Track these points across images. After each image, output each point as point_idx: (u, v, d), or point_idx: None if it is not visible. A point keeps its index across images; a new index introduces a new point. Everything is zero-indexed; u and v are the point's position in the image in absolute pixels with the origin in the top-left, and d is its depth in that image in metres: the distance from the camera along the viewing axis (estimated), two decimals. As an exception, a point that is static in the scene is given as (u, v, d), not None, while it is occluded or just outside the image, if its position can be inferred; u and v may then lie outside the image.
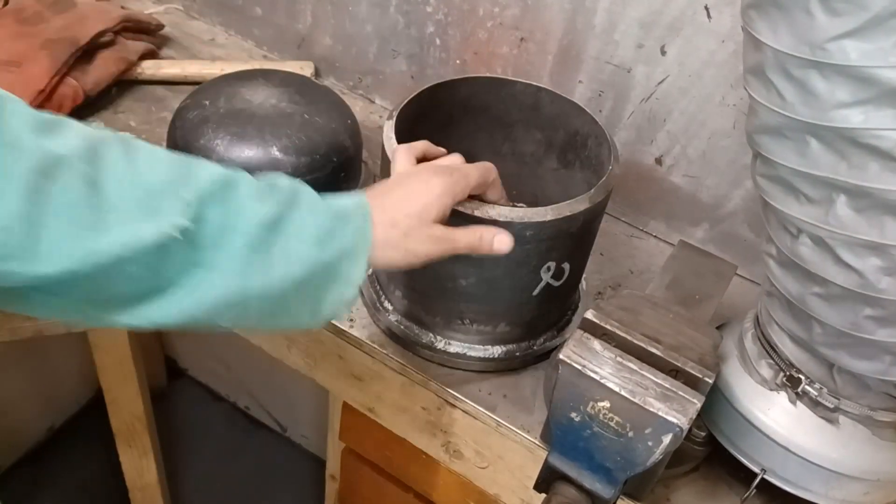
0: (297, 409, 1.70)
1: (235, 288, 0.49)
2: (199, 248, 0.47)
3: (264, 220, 0.49)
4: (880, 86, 0.43)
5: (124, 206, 0.45)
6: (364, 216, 0.54)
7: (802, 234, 0.53)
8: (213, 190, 0.48)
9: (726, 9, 0.76)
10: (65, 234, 0.43)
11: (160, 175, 0.47)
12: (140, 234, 0.45)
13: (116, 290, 0.47)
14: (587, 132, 0.76)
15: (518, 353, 0.75)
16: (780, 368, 0.63)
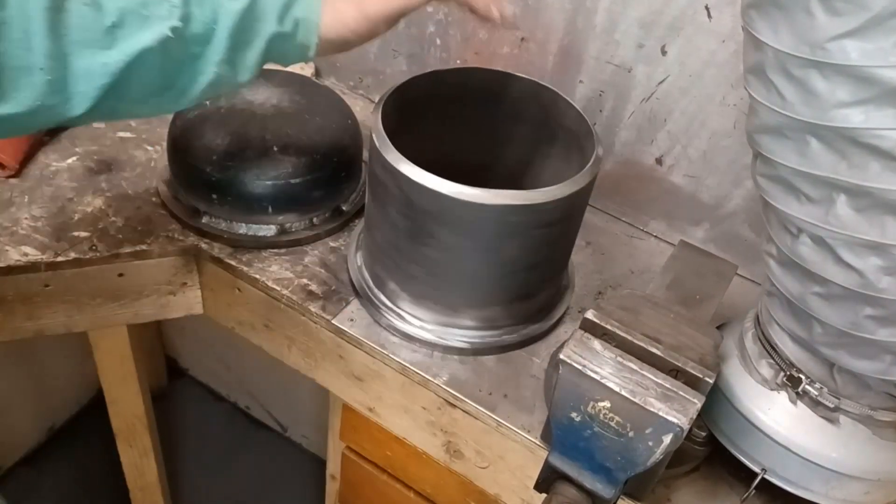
0: (298, 409, 1.70)
1: (226, 71, 0.59)
2: (191, 43, 0.57)
3: (239, 9, 0.58)
4: (881, 85, 0.43)
5: (126, 19, 0.53)
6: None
7: (803, 233, 0.53)
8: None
9: (727, 8, 0.76)
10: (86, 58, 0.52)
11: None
12: (142, 40, 0.53)
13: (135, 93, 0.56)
14: (569, 118, 0.77)
15: (506, 338, 0.76)
16: (781, 368, 0.63)
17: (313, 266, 0.82)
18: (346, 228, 0.88)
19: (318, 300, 0.78)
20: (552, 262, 0.75)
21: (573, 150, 0.77)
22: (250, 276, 0.80)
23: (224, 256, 0.81)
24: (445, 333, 0.75)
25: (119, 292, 0.83)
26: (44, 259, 0.77)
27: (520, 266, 0.70)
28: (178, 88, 0.59)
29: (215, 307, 0.89)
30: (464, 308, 0.74)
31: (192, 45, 0.57)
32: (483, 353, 0.76)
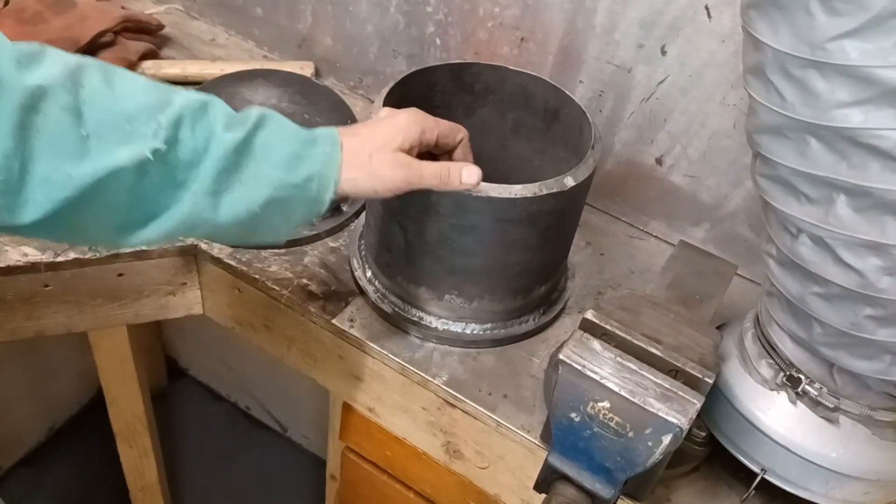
0: (298, 409, 1.70)
1: (207, 206, 0.52)
2: (174, 169, 0.51)
3: (233, 144, 0.52)
4: (880, 85, 0.43)
5: (104, 131, 0.48)
6: (332, 142, 0.57)
7: (802, 233, 0.53)
8: (186, 114, 0.51)
9: (727, 9, 0.76)
10: (53, 166, 0.47)
11: (137, 100, 0.50)
12: (119, 157, 0.48)
13: (99, 213, 0.50)
14: (569, 112, 0.78)
15: (502, 331, 0.77)
16: (781, 368, 0.63)
17: (313, 266, 0.82)
18: (345, 228, 0.88)
19: (318, 300, 0.78)
20: (551, 256, 0.75)
21: (573, 144, 0.77)
22: (250, 277, 0.80)
23: (224, 257, 0.81)
24: (444, 325, 0.76)
25: (119, 292, 0.83)
26: (43, 259, 0.77)
27: (518, 259, 0.71)
28: (148, 214, 0.52)
29: (215, 307, 0.89)
30: (463, 301, 0.74)
31: (176, 171, 0.51)
32: (482, 345, 0.77)
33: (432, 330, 0.76)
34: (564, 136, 0.79)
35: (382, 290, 0.78)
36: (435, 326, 0.76)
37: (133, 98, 0.50)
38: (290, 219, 0.57)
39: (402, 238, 0.71)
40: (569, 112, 0.77)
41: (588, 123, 0.73)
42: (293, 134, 0.55)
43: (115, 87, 0.50)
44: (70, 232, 0.52)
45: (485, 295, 0.73)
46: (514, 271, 0.72)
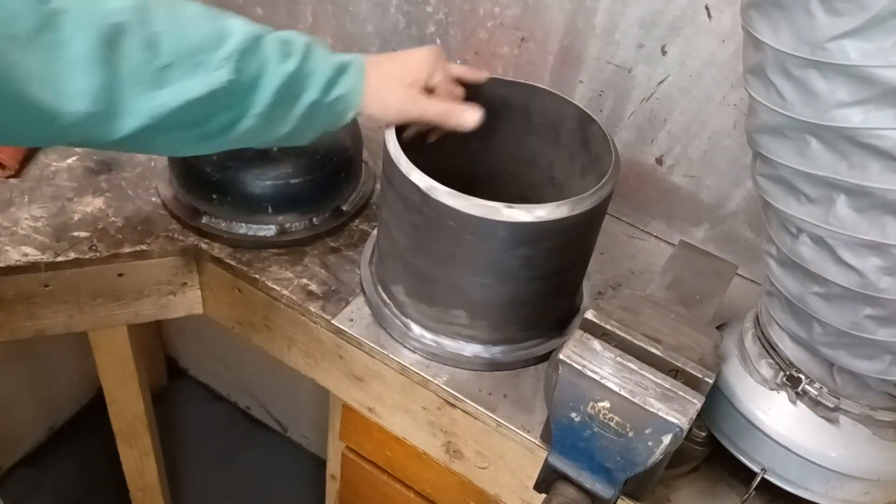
0: (298, 409, 1.70)
1: (262, 123, 0.61)
2: (238, 95, 0.59)
3: (286, 75, 0.60)
4: (880, 85, 0.43)
5: (177, 62, 0.54)
6: (360, 70, 0.66)
7: (803, 233, 0.53)
8: (246, 46, 0.58)
9: (727, 8, 0.76)
10: (135, 95, 0.53)
11: (202, 31, 0.56)
12: (192, 88, 0.55)
13: (174, 131, 0.58)
14: (575, 124, 0.77)
15: (518, 353, 0.75)
16: (781, 368, 0.63)
17: (313, 266, 0.82)
18: (345, 229, 0.88)
19: (318, 300, 0.78)
20: (566, 278, 0.73)
21: (586, 159, 0.76)
22: (250, 276, 0.80)
23: (224, 256, 0.81)
24: (455, 346, 0.74)
25: (119, 292, 0.83)
26: (44, 259, 0.77)
27: (530, 281, 0.69)
28: (214, 132, 0.60)
29: (215, 307, 0.89)
30: (473, 322, 0.72)
31: (236, 97, 0.59)
32: (496, 368, 0.75)
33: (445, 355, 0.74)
34: (583, 154, 0.78)
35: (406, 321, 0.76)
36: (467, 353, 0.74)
37: (198, 29, 0.56)
38: (316, 128, 0.67)
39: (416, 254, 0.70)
40: (589, 131, 0.75)
41: (608, 145, 0.71)
42: (330, 62, 0.64)
43: (181, 19, 0.56)
44: (152, 146, 0.61)
45: (491, 317, 0.72)
46: (527, 294, 0.70)
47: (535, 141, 0.81)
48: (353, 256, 0.84)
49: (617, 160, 0.70)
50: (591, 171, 0.76)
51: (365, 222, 0.89)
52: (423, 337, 0.74)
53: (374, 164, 0.95)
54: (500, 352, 0.74)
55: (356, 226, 0.88)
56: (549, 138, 0.80)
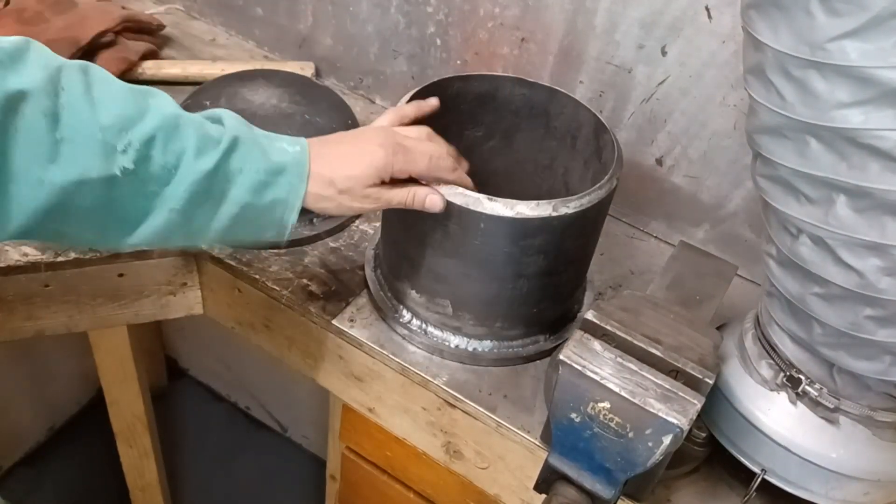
0: (298, 410, 1.70)
1: (180, 222, 0.55)
2: (145, 183, 0.53)
3: (204, 172, 0.54)
4: (880, 86, 0.43)
5: (77, 139, 0.49)
6: (300, 173, 0.59)
7: (802, 234, 0.53)
8: (159, 134, 0.52)
9: (727, 9, 0.76)
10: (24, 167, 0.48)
11: (113, 110, 0.51)
12: (88, 170, 0.50)
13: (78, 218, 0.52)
14: (591, 131, 0.76)
15: (502, 351, 0.75)
16: (781, 369, 0.63)
17: (313, 267, 0.82)
18: (346, 229, 0.88)
19: (319, 301, 0.78)
20: (555, 280, 0.73)
21: (597, 168, 0.76)
22: (250, 277, 0.80)
23: (224, 257, 0.81)
24: (440, 336, 0.75)
25: (119, 292, 0.83)
26: (44, 259, 0.77)
27: (536, 276, 0.69)
28: (124, 223, 0.55)
29: (215, 307, 0.89)
30: (456, 313, 0.73)
31: (147, 184, 0.53)
32: (498, 363, 0.75)
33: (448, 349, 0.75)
34: (584, 152, 0.78)
35: (397, 304, 0.77)
36: (451, 344, 0.75)
37: (109, 108, 0.51)
38: (257, 234, 0.60)
39: (414, 255, 0.71)
40: (591, 129, 0.76)
41: (612, 142, 0.72)
42: (261, 162, 0.57)
43: (94, 93, 0.51)
44: (57, 236, 0.53)
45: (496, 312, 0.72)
46: (532, 289, 0.70)
47: (554, 146, 0.81)
48: (353, 257, 0.84)
49: (618, 165, 0.70)
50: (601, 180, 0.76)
51: (365, 222, 0.89)
52: (412, 323, 0.75)
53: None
54: (484, 347, 0.75)
55: (356, 226, 0.88)
56: (565, 143, 0.80)
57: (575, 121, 0.77)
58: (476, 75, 0.77)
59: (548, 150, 0.82)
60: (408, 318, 0.76)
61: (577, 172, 0.80)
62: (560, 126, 0.79)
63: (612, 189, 0.69)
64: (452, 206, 0.63)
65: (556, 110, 0.78)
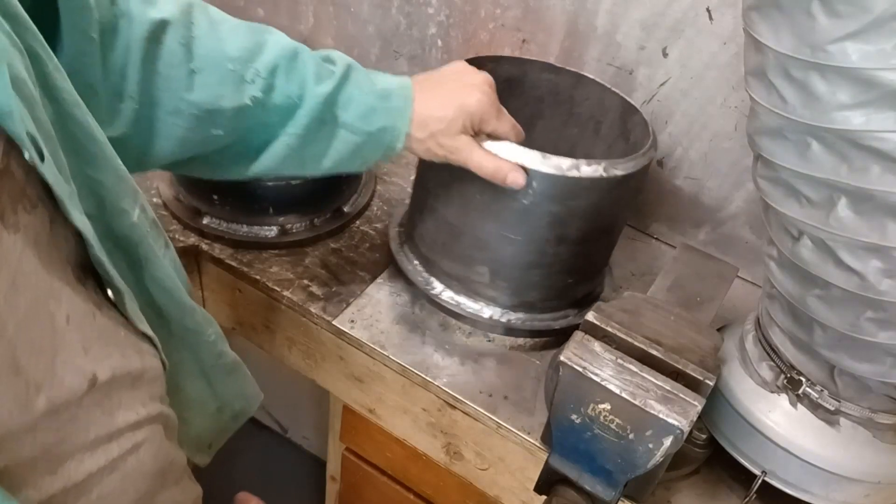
0: (298, 410, 1.70)
1: (298, 146, 0.59)
2: (270, 112, 0.57)
3: (323, 97, 0.57)
4: (881, 88, 0.43)
5: (209, 70, 0.53)
6: (405, 97, 0.61)
7: (803, 235, 0.53)
8: (281, 63, 0.56)
9: (728, 11, 0.76)
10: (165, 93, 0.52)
11: (237, 43, 0.55)
12: (220, 99, 0.54)
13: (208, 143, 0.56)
14: (617, 115, 0.78)
15: (535, 322, 0.77)
16: (781, 370, 0.63)
17: (314, 267, 0.82)
18: (347, 230, 0.88)
19: (319, 301, 0.78)
20: (590, 249, 0.74)
21: (623, 149, 0.78)
22: (251, 277, 0.80)
23: (225, 257, 0.81)
24: (475, 308, 0.76)
25: (120, 293, 0.83)
26: (45, 259, 0.77)
27: (574, 242, 0.71)
28: (250, 150, 0.59)
29: (216, 308, 0.89)
30: (493, 282, 0.74)
31: (271, 113, 0.57)
32: (531, 335, 0.77)
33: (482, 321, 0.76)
34: (615, 133, 0.80)
35: (429, 277, 0.79)
36: (485, 315, 0.76)
37: (234, 41, 0.55)
38: (367, 157, 0.63)
39: (454, 221, 0.72)
40: (624, 113, 0.78)
41: (645, 124, 0.73)
42: (371, 87, 0.60)
43: (219, 28, 0.55)
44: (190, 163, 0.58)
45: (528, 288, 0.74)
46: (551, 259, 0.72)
47: (575, 133, 0.83)
48: (354, 258, 0.84)
49: (654, 140, 0.71)
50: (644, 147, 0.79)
51: (366, 223, 0.89)
52: (443, 294, 0.76)
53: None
54: (518, 319, 0.76)
55: (357, 227, 0.88)
56: (588, 130, 0.82)
57: (600, 106, 0.79)
58: (508, 57, 0.79)
59: (568, 138, 0.83)
60: (439, 289, 0.77)
61: (600, 157, 0.81)
62: (584, 112, 0.81)
63: (650, 161, 0.70)
64: None
65: (581, 96, 0.80)
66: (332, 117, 0.59)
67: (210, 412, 0.60)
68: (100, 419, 0.39)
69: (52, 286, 0.37)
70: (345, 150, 0.61)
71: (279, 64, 0.56)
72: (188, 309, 0.52)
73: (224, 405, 0.61)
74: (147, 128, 0.53)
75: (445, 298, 0.76)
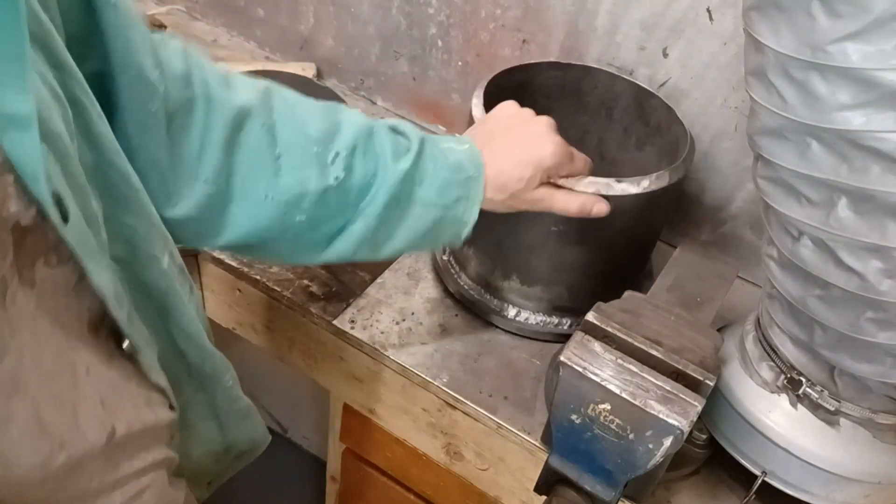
0: (298, 410, 1.70)
1: (376, 228, 0.56)
2: (348, 194, 0.55)
3: (402, 174, 0.55)
4: (881, 88, 0.43)
5: (293, 152, 0.52)
6: (477, 167, 0.59)
7: (804, 236, 0.53)
8: (359, 142, 0.54)
9: (728, 11, 0.76)
10: (250, 182, 0.51)
11: (316, 124, 0.53)
12: (307, 182, 0.52)
13: (284, 235, 0.54)
14: (631, 100, 0.81)
15: None
16: (781, 371, 0.63)
17: (314, 267, 0.82)
18: (347, 230, 0.88)
19: (319, 301, 0.78)
20: (637, 250, 0.77)
21: (642, 131, 0.80)
22: (251, 278, 0.80)
23: (225, 257, 0.81)
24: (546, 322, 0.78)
25: (120, 293, 0.83)
26: (45, 259, 0.77)
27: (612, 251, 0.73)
28: (325, 235, 0.56)
29: (216, 308, 0.89)
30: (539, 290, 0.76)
31: (350, 195, 0.55)
32: None
33: (514, 322, 0.78)
34: (656, 141, 0.82)
35: (467, 279, 0.81)
36: (521, 319, 0.78)
37: (313, 122, 0.53)
38: (440, 233, 0.60)
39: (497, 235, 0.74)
40: (664, 122, 0.80)
41: (685, 132, 0.75)
42: (444, 159, 0.58)
43: (297, 109, 0.54)
44: (258, 250, 0.56)
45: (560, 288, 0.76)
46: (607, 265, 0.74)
47: (586, 120, 0.84)
48: (353, 258, 0.84)
49: (692, 147, 0.73)
50: (650, 143, 0.82)
51: (366, 223, 0.89)
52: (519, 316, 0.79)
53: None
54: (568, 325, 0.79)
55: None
56: (599, 115, 0.83)
57: (610, 92, 0.81)
58: (515, 67, 0.79)
59: (579, 125, 0.85)
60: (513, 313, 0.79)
61: (616, 140, 0.83)
62: (593, 101, 0.82)
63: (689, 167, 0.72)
64: None
65: (588, 87, 0.82)
66: (408, 195, 0.57)
67: (216, 452, 0.59)
68: (105, 468, 0.39)
69: (69, 338, 0.36)
70: (420, 228, 0.58)
71: (357, 143, 0.54)
72: (209, 354, 0.52)
73: (231, 446, 0.60)
74: (221, 212, 0.51)
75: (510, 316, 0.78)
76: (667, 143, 0.79)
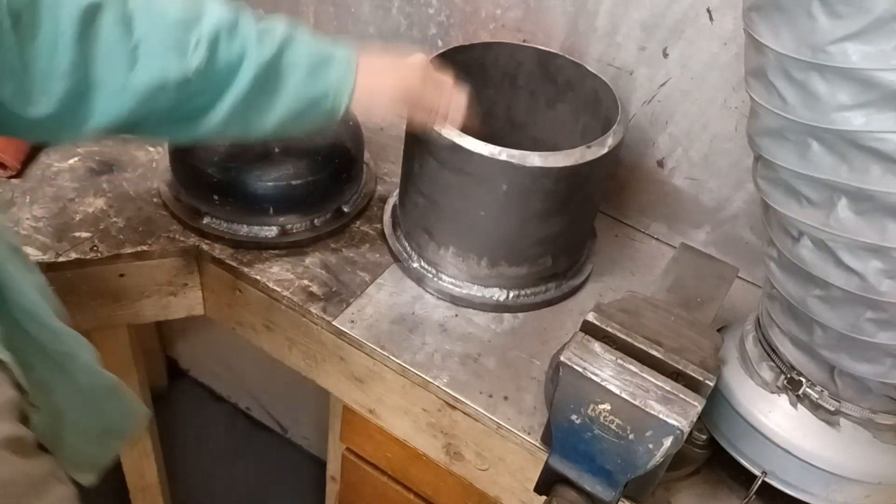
0: (298, 411, 1.70)
1: (241, 109, 0.60)
2: (212, 77, 0.57)
3: (265, 61, 0.59)
4: (881, 88, 0.43)
5: (151, 43, 0.54)
6: (349, 61, 0.64)
7: (803, 236, 0.53)
8: (222, 29, 0.57)
9: (729, 11, 0.76)
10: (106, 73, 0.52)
11: (177, 13, 0.55)
12: (166, 71, 0.54)
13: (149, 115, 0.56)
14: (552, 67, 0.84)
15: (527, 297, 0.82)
16: (781, 371, 0.63)
17: (314, 267, 0.82)
18: (347, 230, 0.88)
19: (319, 301, 0.78)
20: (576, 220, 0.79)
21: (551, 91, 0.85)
22: (251, 278, 0.80)
23: (225, 257, 0.81)
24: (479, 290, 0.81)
25: (120, 293, 0.83)
26: (45, 259, 0.77)
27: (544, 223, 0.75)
28: (191, 115, 0.59)
29: (216, 308, 0.89)
30: (493, 264, 0.79)
31: (214, 79, 0.58)
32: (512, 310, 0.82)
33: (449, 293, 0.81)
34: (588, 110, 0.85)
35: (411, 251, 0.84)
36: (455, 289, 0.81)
37: (173, 10, 0.55)
38: (306, 121, 0.64)
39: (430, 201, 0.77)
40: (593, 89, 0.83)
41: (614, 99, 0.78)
42: (314, 52, 0.62)
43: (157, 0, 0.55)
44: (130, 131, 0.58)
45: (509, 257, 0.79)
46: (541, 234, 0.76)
47: (491, 93, 0.88)
48: (353, 258, 0.84)
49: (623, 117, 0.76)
50: (560, 100, 0.87)
51: (366, 223, 0.89)
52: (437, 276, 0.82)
53: (374, 166, 0.96)
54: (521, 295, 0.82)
55: (357, 227, 0.88)
56: (504, 85, 0.88)
57: (512, 61, 0.86)
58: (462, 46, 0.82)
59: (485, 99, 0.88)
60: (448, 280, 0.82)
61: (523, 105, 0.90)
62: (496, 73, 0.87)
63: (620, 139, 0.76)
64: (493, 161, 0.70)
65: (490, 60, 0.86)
66: (275, 80, 0.60)
67: (93, 435, 0.60)
68: None
69: None
70: (287, 115, 0.62)
71: (220, 30, 0.57)
72: (59, 333, 0.53)
73: (110, 426, 0.62)
74: (84, 105, 0.53)
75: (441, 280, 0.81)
76: (583, 96, 0.83)
